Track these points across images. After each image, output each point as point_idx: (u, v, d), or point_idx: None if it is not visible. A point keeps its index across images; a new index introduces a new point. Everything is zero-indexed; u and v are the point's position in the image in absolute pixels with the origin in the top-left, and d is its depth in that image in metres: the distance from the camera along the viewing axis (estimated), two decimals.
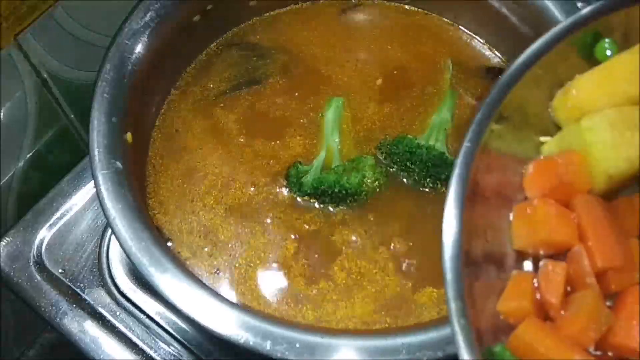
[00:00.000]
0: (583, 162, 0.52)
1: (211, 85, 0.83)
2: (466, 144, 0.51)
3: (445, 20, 0.89)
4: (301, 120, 0.80)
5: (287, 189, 0.75)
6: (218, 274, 0.71)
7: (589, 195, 0.53)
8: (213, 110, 0.81)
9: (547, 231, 0.50)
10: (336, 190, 0.73)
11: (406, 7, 0.90)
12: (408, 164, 0.75)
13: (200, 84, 0.83)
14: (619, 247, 0.50)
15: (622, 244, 0.50)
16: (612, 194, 0.53)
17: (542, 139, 0.56)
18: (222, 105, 0.81)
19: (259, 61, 0.85)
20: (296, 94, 0.82)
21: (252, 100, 0.82)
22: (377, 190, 0.75)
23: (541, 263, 0.51)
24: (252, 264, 0.71)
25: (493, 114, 0.52)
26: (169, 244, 0.72)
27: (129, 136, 0.72)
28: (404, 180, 0.76)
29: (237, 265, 0.71)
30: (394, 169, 0.76)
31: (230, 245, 0.72)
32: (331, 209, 0.74)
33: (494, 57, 0.86)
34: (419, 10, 0.89)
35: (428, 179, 0.75)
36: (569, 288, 0.50)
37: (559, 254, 0.52)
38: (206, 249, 0.72)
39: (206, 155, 0.78)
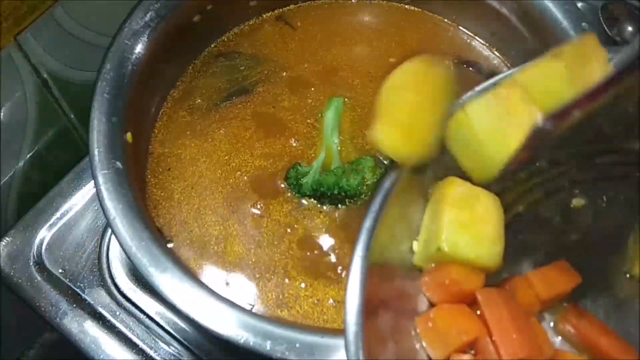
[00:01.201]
0: (462, 267, 0.53)
1: (199, 101, 0.82)
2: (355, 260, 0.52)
3: (445, 20, 0.89)
4: (298, 123, 0.80)
5: (287, 191, 0.75)
6: (218, 274, 0.71)
7: (489, 289, 0.54)
8: (207, 121, 0.80)
9: (456, 339, 0.52)
10: (335, 192, 0.73)
11: (406, 7, 0.90)
12: None
13: (190, 97, 0.82)
14: (523, 338, 0.51)
15: (525, 332, 0.52)
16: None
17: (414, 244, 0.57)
18: (215, 116, 0.81)
19: (247, 70, 0.84)
20: (290, 98, 0.82)
21: (246, 108, 0.81)
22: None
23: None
24: (252, 265, 0.71)
25: (377, 226, 0.53)
26: (169, 245, 0.72)
27: (129, 136, 0.72)
28: None
29: (237, 265, 0.71)
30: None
31: (230, 246, 0.72)
32: (331, 210, 0.74)
33: (494, 57, 0.86)
34: (419, 10, 0.89)
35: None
36: None
37: None
38: (206, 249, 0.72)
39: (205, 161, 0.77)
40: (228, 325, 0.60)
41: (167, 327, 0.76)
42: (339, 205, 0.74)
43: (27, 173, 0.87)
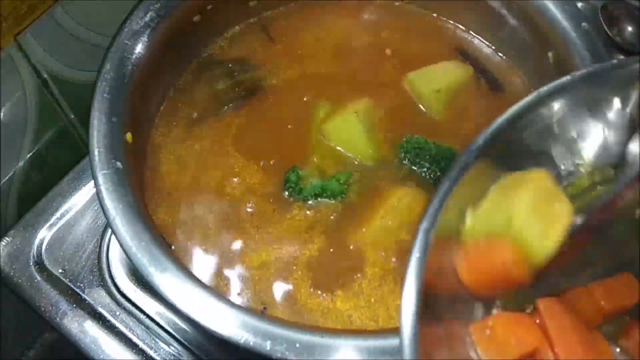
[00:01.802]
0: (513, 251, 0.51)
1: (197, 106, 0.81)
2: (415, 255, 0.49)
3: (446, 19, 0.89)
4: (296, 126, 0.79)
5: (286, 194, 0.75)
6: (217, 275, 0.71)
7: (550, 299, 0.53)
8: (204, 125, 0.80)
9: (514, 349, 0.50)
10: (340, 198, 0.74)
11: (406, 5, 0.89)
12: (418, 159, 0.75)
13: (188, 102, 0.81)
14: (587, 351, 0.50)
15: (589, 346, 0.50)
16: None
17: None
18: (212, 120, 0.80)
19: (241, 75, 0.83)
20: (287, 102, 0.81)
21: (243, 113, 0.81)
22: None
23: None
24: (252, 266, 0.71)
25: (436, 223, 0.50)
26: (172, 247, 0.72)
27: (129, 136, 0.72)
28: (416, 175, 0.76)
29: (236, 266, 0.71)
30: (405, 164, 0.76)
31: (229, 247, 0.72)
32: (330, 209, 0.74)
33: (495, 56, 0.86)
34: (420, 10, 0.89)
35: (439, 173, 0.75)
36: None
37: None
38: (205, 250, 0.72)
39: (203, 162, 0.77)
40: (228, 325, 0.60)
41: (167, 327, 0.76)
42: (339, 204, 0.74)
43: (27, 173, 0.87)
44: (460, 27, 0.88)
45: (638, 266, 0.56)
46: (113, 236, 0.74)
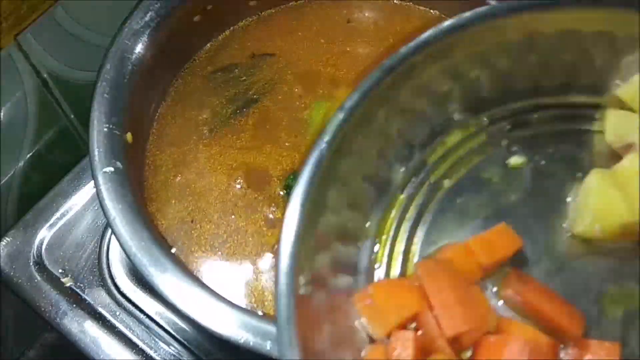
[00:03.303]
0: None
1: (193, 110, 0.81)
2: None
3: (446, 18, 0.88)
4: (296, 128, 0.79)
5: (288, 199, 0.74)
6: (217, 275, 0.71)
7: (427, 260, 0.54)
8: (205, 129, 0.79)
9: (396, 316, 0.50)
10: None
11: (406, 4, 0.89)
12: None
13: (185, 107, 0.81)
14: (465, 310, 0.50)
15: (467, 304, 0.50)
16: None
17: None
18: (213, 124, 0.80)
19: (243, 76, 0.83)
20: (287, 102, 0.81)
21: (249, 117, 0.80)
22: None
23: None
24: (252, 266, 0.71)
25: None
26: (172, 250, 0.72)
27: (129, 136, 0.72)
28: None
29: (236, 267, 0.71)
30: None
31: (229, 246, 0.72)
32: None
33: None
34: (420, 8, 0.89)
35: None
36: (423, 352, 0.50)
37: None
38: (205, 250, 0.72)
39: (203, 165, 0.77)
40: (228, 325, 0.60)
41: (167, 327, 0.76)
42: None
43: (27, 173, 0.87)
44: None
45: (514, 215, 0.57)
46: (113, 236, 0.74)
